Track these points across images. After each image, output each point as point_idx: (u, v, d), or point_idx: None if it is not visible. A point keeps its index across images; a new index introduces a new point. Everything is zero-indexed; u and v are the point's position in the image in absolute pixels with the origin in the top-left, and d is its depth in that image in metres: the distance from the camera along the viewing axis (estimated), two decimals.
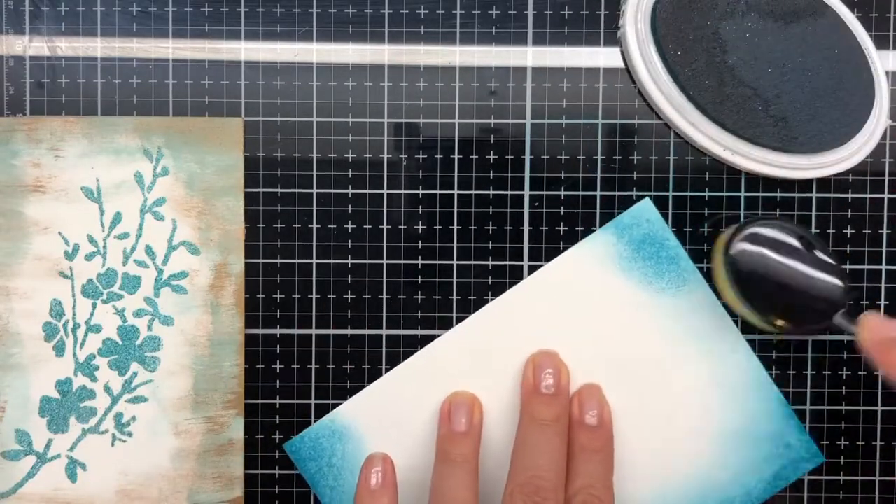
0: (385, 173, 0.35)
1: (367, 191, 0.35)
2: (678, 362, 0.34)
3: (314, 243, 0.35)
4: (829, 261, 0.32)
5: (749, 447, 0.34)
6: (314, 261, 0.35)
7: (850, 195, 0.35)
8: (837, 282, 0.32)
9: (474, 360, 0.35)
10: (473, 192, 0.35)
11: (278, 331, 0.35)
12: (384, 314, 0.35)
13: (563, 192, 0.35)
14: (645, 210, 0.34)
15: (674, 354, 0.34)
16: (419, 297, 0.35)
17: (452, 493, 0.31)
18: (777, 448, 0.34)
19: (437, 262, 0.35)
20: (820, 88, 0.34)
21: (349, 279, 0.35)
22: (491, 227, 0.35)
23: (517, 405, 0.34)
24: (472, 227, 0.35)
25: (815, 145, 0.34)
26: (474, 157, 0.35)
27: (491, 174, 0.35)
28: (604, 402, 0.33)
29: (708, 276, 0.34)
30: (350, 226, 0.35)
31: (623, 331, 0.34)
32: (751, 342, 0.35)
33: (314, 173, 0.35)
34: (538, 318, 0.35)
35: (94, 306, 0.34)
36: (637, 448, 0.34)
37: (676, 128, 0.34)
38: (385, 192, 0.35)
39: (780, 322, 0.32)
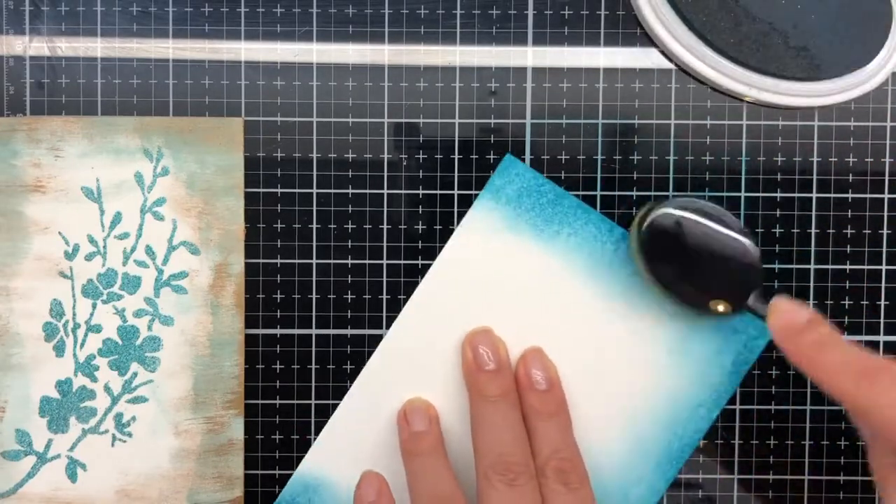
0: (385, 173, 0.35)
1: (367, 191, 0.35)
2: (599, 292, 0.34)
3: (314, 243, 0.35)
4: (746, 241, 0.32)
5: (698, 345, 0.34)
6: (314, 261, 0.35)
7: (850, 195, 0.35)
8: (752, 261, 0.32)
9: (413, 363, 0.34)
10: (473, 192, 0.35)
11: (278, 331, 0.35)
12: (384, 314, 0.35)
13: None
14: (510, 165, 0.34)
15: (592, 287, 0.34)
16: None
17: (433, 481, 0.32)
18: (726, 336, 0.34)
19: None
20: (834, 10, 0.34)
21: (349, 279, 0.35)
22: None
23: (465, 392, 0.34)
24: None
25: (841, 68, 0.34)
26: (474, 157, 0.35)
27: (491, 174, 0.35)
28: (548, 363, 0.34)
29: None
30: (350, 226, 0.35)
31: (539, 286, 0.34)
32: None
33: (314, 173, 0.35)
34: (457, 304, 0.34)
35: (94, 306, 0.34)
36: (591, 394, 0.34)
37: (699, 75, 0.34)
38: (385, 192, 0.35)
39: (692, 296, 0.32)
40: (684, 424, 0.34)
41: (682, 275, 0.32)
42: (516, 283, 0.34)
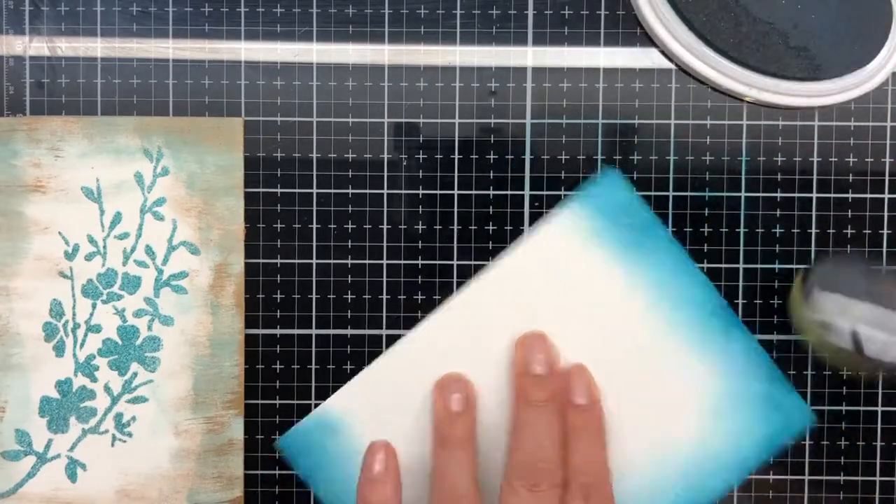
0: (385, 173, 0.35)
1: (367, 191, 0.35)
2: (663, 329, 0.34)
3: (314, 243, 0.35)
4: None
5: (740, 410, 0.34)
6: (314, 261, 0.35)
7: (850, 195, 0.35)
8: None
9: (461, 342, 0.34)
10: (473, 192, 0.35)
11: (278, 331, 0.35)
12: (384, 314, 0.35)
13: (563, 192, 0.35)
14: (612, 179, 0.34)
15: (658, 322, 0.34)
16: (419, 297, 0.35)
17: (454, 479, 0.31)
18: (767, 409, 0.34)
19: (437, 262, 0.35)
20: (834, 10, 0.34)
21: (349, 279, 0.35)
22: (491, 227, 0.35)
23: (507, 387, 0.34)
24: (472, 227, 0.35)
25: (842, 67, 0.34)
26: (474, 157, 0.35)
27: (491, 174, 0.35)
28: (591, 380, 0.33)
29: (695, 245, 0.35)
30: (350, 226, 0.35)
31: (606, 303, 0.34)
32: (733, 305, 0.35)
33: (314, 173, 0.35)
34: (522, 297, 0.34)
35: (94, 306, 0.34)
36: (629, 421, 0.34)
37: (699, 75, 0.34)
38: (385, 192, 0.35)
39: (854, 359, 0.32)
40: (702, 482, 0.34)
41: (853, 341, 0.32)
42: (583, 294, 0.34)
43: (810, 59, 0.34)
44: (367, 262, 0.35)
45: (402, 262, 0.35)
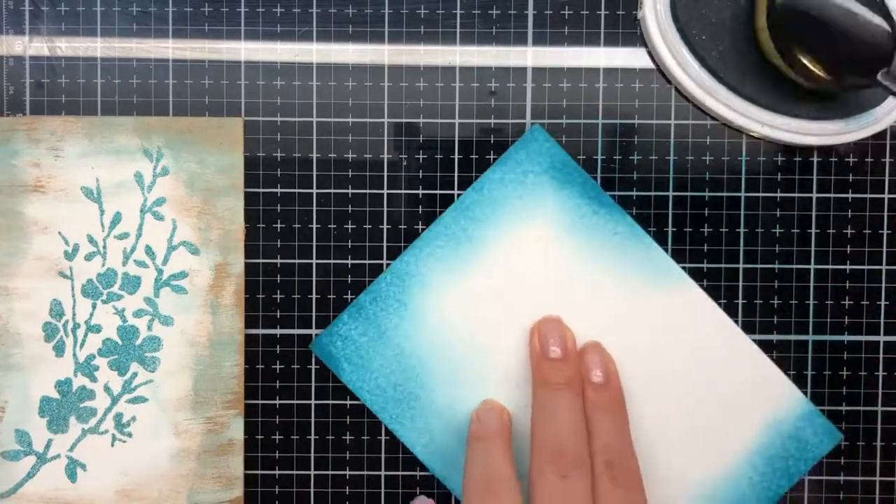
0: (385, 173, 0.35)
1: (367, 191, 0.35)
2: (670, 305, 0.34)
3: (314, 243, 0.35)
4: (880, 13, 0.30)
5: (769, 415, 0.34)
6: (314, 261, 0.35)
7: (850, 195, 0.35)
8: (887, 30, 0.30)
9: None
10: None
11: (278, 331, 0.35)
12: None
13: None
14: (538, 138, 0.34)
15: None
16: None
17: (488, 466, 0.32)
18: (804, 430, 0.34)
19: None
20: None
21: (349, 279, 0.35)
22: None
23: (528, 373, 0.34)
24: None
25: (853, 107, 0.34)
26: (474, 157, 0.35)
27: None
28: (607, 357, 0.33)
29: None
30: (350, 226, 0.35)
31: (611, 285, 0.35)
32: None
33: (314, 173, 0.35)
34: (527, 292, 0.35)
35: (94, 306, 0.34)
36: (649, 399, 0.34)
37: (710, 111, 0.34)
38: (385, 192, 0.35)
39: (820, 73, 0.31)
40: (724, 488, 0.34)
41: (810, 51, 0.31)
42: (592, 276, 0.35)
43: (822, 98, 0.34)
44: (367, 262, 0.35)
45: None
